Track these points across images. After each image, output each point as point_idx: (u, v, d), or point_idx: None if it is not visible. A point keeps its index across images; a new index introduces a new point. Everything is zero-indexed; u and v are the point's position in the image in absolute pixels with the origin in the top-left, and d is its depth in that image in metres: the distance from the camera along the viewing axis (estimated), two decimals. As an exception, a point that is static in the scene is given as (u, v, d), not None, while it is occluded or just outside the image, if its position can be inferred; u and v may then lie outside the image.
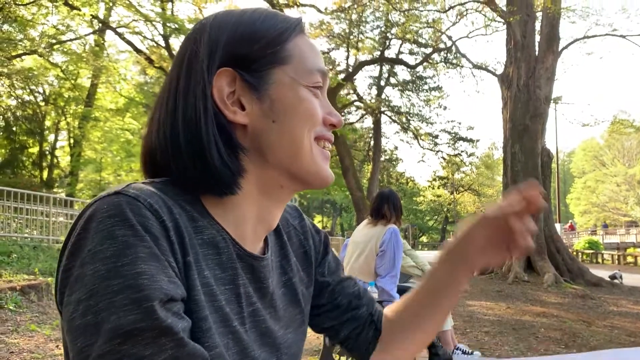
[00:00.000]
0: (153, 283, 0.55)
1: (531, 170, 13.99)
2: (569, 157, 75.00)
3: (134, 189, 0.62)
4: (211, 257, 0.68)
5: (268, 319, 0.77)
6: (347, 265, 4.10)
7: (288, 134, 0.72)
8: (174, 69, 0.74)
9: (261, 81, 0.72)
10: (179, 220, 0.63)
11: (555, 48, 14.80)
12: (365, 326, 0.93)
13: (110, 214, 0.58)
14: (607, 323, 7.55)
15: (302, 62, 0.74)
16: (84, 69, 20.89)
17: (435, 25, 21.31)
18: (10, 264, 7.99)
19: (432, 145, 31.64)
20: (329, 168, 0.77)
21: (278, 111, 0.72)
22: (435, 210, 55.85)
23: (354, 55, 25.89)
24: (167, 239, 0.60)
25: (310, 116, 0.73)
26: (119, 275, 0.55)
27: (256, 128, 0.72)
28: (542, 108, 14.51)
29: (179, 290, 0.59)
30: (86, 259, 0.56)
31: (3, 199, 11.13)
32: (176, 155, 0.69)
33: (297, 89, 0.73)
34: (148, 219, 0.59)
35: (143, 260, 0.56)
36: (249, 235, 0.75)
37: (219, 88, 0.70)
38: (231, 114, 0.70)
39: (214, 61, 0.71)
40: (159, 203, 0.62)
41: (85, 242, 0.57)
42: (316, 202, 48.78)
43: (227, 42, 0.72)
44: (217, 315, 0.66)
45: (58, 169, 29.56)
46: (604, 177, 54.19)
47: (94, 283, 0.55)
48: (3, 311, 5.62)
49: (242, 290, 0.72)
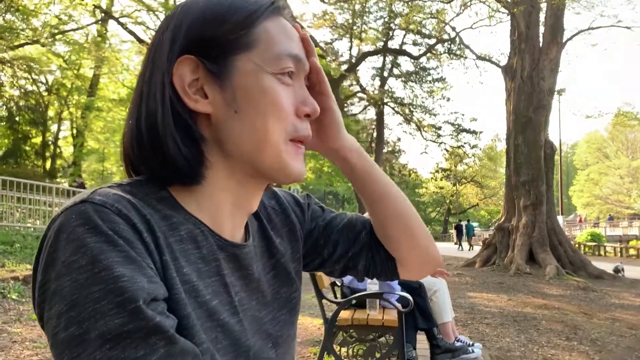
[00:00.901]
0: (134, 284, 0.54)
1: (534, 163, 13.96)
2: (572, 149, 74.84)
3: (100, 195, 0.60)
4: (191, 251, 0.67)
5: (254, 305, 0.76)
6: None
7: (250, 126, 0.68)
8: (147, 54, 0.72)
9: (224, 69, 0.68)
10: (151, 220, 0.61)
11: (559, 39, 14.71)
12: (372, 248, 0.92)
13: (79, 222, 0.56)
14: (609, 315, 7.55)
15: (270, 47, 0.69)
16: (87, 58, 20.86)
17: (439, 16, 21.18)
18: (13, 253, 8.03)
19: (435, 137, 31.58)
20: (302, 164, 0.73)
21: (240, 101, 0.68)
22: (437, 202, 55.87)
23: (357, 46, 25.81)
24: (142, 242, 0.59)
25: (275, 107, 0.69)
26: (98, 282, 0.54)
27: (219, 118, 0.69)
28: (545, 100, 14.45)
29: (161, 290, 0.58)
30: (62, 270, 0.55)
31: (6, 189, 11.16)
32: (140, 146, 0.68)
33: (261, 76, 0.68)
34: (118, 224, 0.57)
35: (120, 264, 0.55)
36: (227, 223, 0.73)
37: (181, 76, 0.68)
38: (192, 102, 0.68)
39: (175, 48, 0.68)
40: (128, 207, 0.60)
41: (58, 254, 0.56)
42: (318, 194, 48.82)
43: (190, 27, 0.69)
44: (202, 311, 0.65)
45: (61, 159, 29.62)
46: (607, 170, 54.04)
47: (73, 293, 0.54)
48: (6, 300, 5.65)
49: (227, 280, 0.71)
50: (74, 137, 27.33)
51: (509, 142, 15.14)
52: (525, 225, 13.47)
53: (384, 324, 3.59)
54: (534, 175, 13.85)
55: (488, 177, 50.98)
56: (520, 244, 13.30)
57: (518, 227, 13.71)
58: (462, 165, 47.09)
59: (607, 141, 59.96)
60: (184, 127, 0.68)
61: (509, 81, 15.30)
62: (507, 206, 15.02)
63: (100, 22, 21.61)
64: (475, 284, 10.84)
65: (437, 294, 4.16)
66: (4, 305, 5.51)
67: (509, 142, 15.14)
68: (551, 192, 14.64)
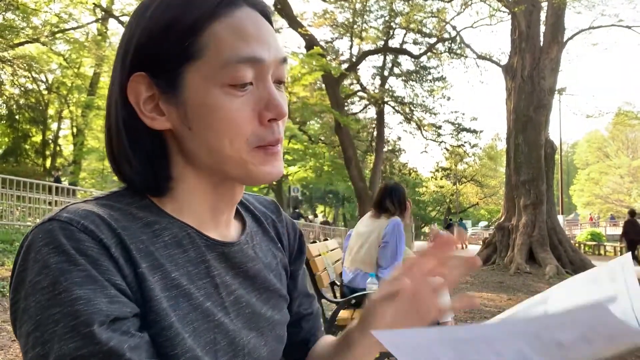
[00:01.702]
0: (90, 307, 0.54)
1: (534, 162, 13.95)
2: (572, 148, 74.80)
3: (69, 212, 0.60)
4: (179, 255, 0.66)
5: (254, 302, 0.75)
6: (350, 256, 4.10)
7: (205, 143, 0.65)
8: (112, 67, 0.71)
9: (173, 84, 0.64)
10: (122, 234, 0.61)
11: (560, 39, 14.70)
12: (293, 348, 0.90)
13: (45, 242, 0.57)
14: (609, 315, 7.55)
15: (218, 54, 0.63)
16: (87, 57, 20.85)
17: (439, 15, 21.18)
18: (13, 252, 8.02)
19: (436, 136, 31.58)
20: (274, 166, 0.69)
21: (192, 118, 0.64)
22: (437, 201, 55.80)
23: (358, 45, 25.78)
24: (109, 257, 0.58)
25: (227, 124, 0.64)
26: (57, 304, 0.54)
27: (178, 133, 0.67)
28: (546, 99, 14.44)
29: (126, 308, 0.57)
30: (28, 290, 0.56)
31: (6, 188, 11.15)
32: (111, 158, 0.70)
33: (210, 90, 0.63)
34: (83, 241, 0.57)
35: (78, 285, 0.55)
36: (211, 224, 0.73)
37: (136, 93, 0.65)
38: (148, 120, 0.66)
39: (127, 63, 0.65)
40: (96, 222, 0.59)
41: (26, 273, 0.57)
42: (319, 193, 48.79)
43: (139, 41, 0.64)
44: (197, 313, 0.65)
45: (61, 158, 29.61)
46: (608, 169, 54.05)
47: (37, 314, 0.55)
48: (5, 299, 5.64)
49: (218, 281, 0.70)
50: (74, 136, 27.34)
51: (509, 141, 15.13)
52: (526, 225, 13.47)
53: (383, 323, 3.58)
54: (534, 174, 13.84)
55: (488, 177, 50.94)
56: (520, 244, 13.30)
57: (518, 226, 13.71)
58: (462, 165, 47.03)
59: (607, 140, 59.96)
60: (140, 145, 0.67)
61: (509, 80, 15.29)
62: (507, 205, 15.02)
63: (100, 21, 21.60)
64: (475, 283, 10.84)
65: (437, 293, 4.15)
66: (3, 303, 5.50)
67: (509, 141, 15.13)
68: (551, 191, 14.64)
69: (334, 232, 22.54)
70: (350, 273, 4.03)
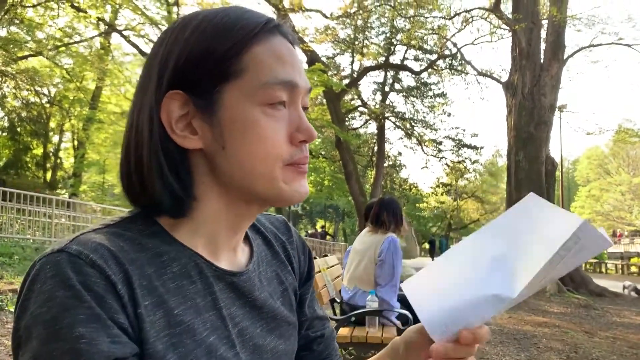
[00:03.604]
0: (92, 347, 0.54)
1: (535, 179, 13.95)
2: (573, 165, 74.76)
3: (78, 243, 0.59)
4: (187, 287, 0.66)
5: (258, 332, 0.74)
6: (348, 274, 4.08)
7: (238, 163, 0.66)
8: (137, 84, 0.71)
9: (211, 102, 0.66)
10: (130, 270, 0.60)
11: (560, 56, 14.79)
12: None
13: (52, 274, 0.56)
14: (610, 334, 7.49)
15: (258, 74, 0.66)
16: (89, 71, 20.95)
17: (440, 32, 21.34)
18: (12, 265, 8.00)
19: (436, 152, 31.60)
20: (302, 185, 0.70)
21: (226, 137, 0.66)
22: (438, 217, 55.68)
23: (359, 61, 25.96)
24: (115, 294, 0.58)
25: (263, 143, 0.66)
26: (59, 339, 0.54)
27: (209, 153, 0.67)
28: (546, 116, 14.48)
29: (126, 349, 0.57)
30: (29, 321, 0.56)
31: (6, 200, 11.14)
32: (129, 179, 0.68)
33: (247, 109, 0.65)
34: (90, 276, 0.57)
35: (82, 322, 0.55)
36: (224, 249, 0.72)
37: (168, 112, 0.66)
38: (180, 139, 0.66)
39: (163, 82, 0.66)
40: (105, 256, 0.59)
41: (29, 304, 0.57)
42: (319, 207, 48.73)
43: (178, 61, 0.66)
44: (201, 350, 0.64)
45: (62, 171, 29.63)
46: (609, 186, 53.96)
47: (37, 347, 0.55)
48: (3, 313, 5.61)
49: (225, 313, 0.69)
50: (75, 149, 27.37)
51: (510, 157, 15.15)
52: (526, 242, 13.41)
53: (383, 341, 3.56)
54: (535, 191, 13.55)
55: (489, 193, 50.91)
56: (521, 261, 13.22)
57: (519, 243, 13.64)
58: (463, 181, 47.05)
59: (608, 157, 59.93)
60: (172, 163, 0.66)
61: (510, 97, 15.35)
62: (508, 222, 14.96)
63: (103, 35, 21.74)
64: (475, 300, 10.77)
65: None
66: (2, 318, 5.46)
67: (510, 157, 15.15)
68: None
69: (334, 248, 22.45)
70: (350, 291, 4.01)
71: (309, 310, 0.90)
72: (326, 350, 0.91)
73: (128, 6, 17.25)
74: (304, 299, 0.90)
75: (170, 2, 18.27)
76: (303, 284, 0.90)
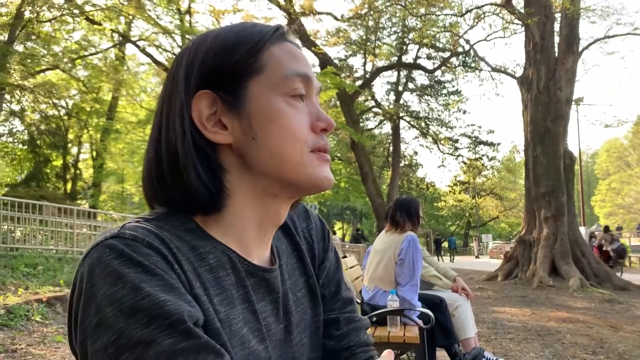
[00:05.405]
0: (179, 307, 0.57)
1: (553, 173, 13.80)
2: (592, 158, 73.80)
3: (130, 229, 0.62)
4: (223, 279, 0.69)
5: (281, 329, 0.76)
6: (368, 274, 4.08)
7: (268, 151, 0.71)
8: (162, 90, 0.75)
9: (238, 98, 0.71)
10: (178, 254, 0.63)
11: (575, 49, 14.61)
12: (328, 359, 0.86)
13: (114, 256, 0.58)
14: (636, 328, 7.37)
15: (277, 69, 0.72)
16: (105, 82, 21.22)
17: (452, 29, 21.21)
18: (37, 275, 8.12)
19: (452, 150, 31.48)
20: (327, 171, 0.75)
21: (255, 128, 0.71)
22: (457, 216, 55.34)
23: (371, 62, 25.93)
24: (175, 272, 0.61)
25: (289, 130, 0.71)
26: (143, 309, 0.56)
27: (239, 146, 0.71)
28: (563, 110, 14.31)
29: (200, 315, 0.60)
30: (102, 303, 0.56)
31: (29, 212, 11.32)
32: (161, 177, 0.70)
33: (272, 100, 0.71)
34: (151, 256, 0.60)
35: (161, 291, 0.57)
36: (255, 245, 0.75)
37: (199, 110, 0.70)
38: (212, 135, 0.71)
39: (191, 84, 0.71)
40: (157, 240, 0.62)
41: (96, 288, 0.57)
42: (336, 209, 48.73)
43: (203, 62, 0.71)
44: (235, 340, 0.66)
45: (81, 181, 30.00)
46: (629, 178, 53.14)
47: (119, 323, 0.55)
48: (30, 323, 5.70)
49: (256, 306, 0.72)
50: (93, 159, 27.71)
51: (527, 153, 15.01)
52: (547, 237, 13.27)
53: (405, 340, 3.56)
54: (554, 186, 13.68)
55: (507, 189, 50.46)
56: (542, 257, 13.09)
57: (539, 239, 13.51)
58: (480, 178, 46.73)
59: (627, 149, 59.01)
60: (205, 159, 0.70)
61: (525, 92, 15.21)
62: (528, 218, 14.83)
63: (118, 46, 22.01)
64: (497, 298, 10.69)
65: (459, 309, 4.11)
66: (28, 327, 5.56)
67: (527, 153, 15.01)
68: (572, 202, 14.41)
69: (353, 249, 22.42)
70: (370, 291, 4.01)
71: (322, 289, 0.88)
72: (349, 334, 0.88)
73: (141, 17, 17.44)
74: (319, 279, 0.90)
75: (182, 12, 18.45)
76: (318, 267, 0.90)
